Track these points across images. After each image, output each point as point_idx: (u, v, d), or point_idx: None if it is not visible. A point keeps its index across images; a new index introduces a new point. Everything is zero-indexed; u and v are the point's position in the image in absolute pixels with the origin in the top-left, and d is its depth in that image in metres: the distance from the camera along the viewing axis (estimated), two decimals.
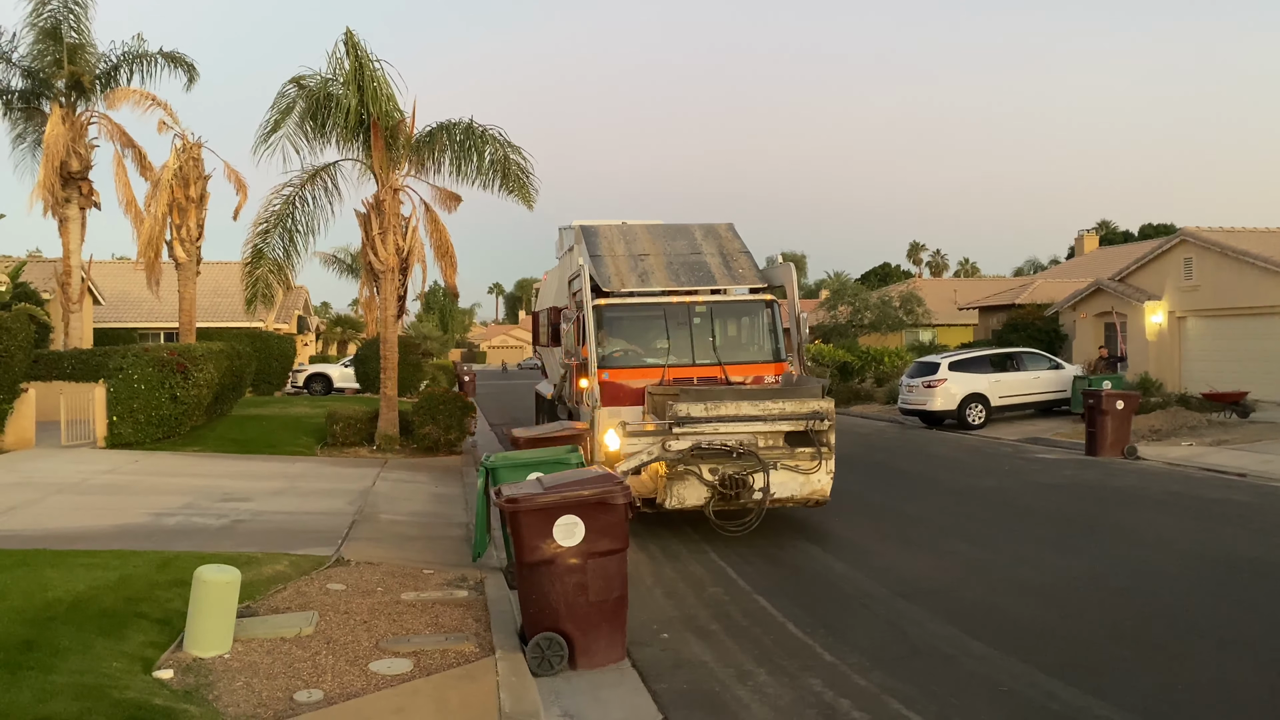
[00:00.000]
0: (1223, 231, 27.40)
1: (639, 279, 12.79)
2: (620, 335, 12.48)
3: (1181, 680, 6.21)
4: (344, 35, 16.47)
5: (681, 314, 12.42)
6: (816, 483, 10.41)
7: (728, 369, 12.15)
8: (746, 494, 10.05)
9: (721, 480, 10.02)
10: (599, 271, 12.70)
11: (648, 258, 13.24)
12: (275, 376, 31.95)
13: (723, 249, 13.59)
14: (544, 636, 6.37)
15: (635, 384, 11.82)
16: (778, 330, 12.64)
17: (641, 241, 13.64)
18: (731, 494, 10.03)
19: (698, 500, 10.09)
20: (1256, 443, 17.97)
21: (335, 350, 57.34)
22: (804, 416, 10.26)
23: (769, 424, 10.22)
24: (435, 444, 17.43)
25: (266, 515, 10.97)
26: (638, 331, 12.56)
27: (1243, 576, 8.86)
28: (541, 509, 6.39)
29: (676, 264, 13.18)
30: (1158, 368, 27.27)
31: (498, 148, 17.29)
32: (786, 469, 10.24)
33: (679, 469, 10.01)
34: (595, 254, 13.16)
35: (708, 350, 12.30)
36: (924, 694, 5.97)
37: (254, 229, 17.59)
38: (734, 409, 10.14)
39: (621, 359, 12.22)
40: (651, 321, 12.49)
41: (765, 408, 10.24)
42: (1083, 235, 50.24)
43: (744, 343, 12.90)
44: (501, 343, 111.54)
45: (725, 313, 12.83)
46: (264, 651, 6.39)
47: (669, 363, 12.09)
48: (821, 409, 10.29)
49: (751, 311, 12.93)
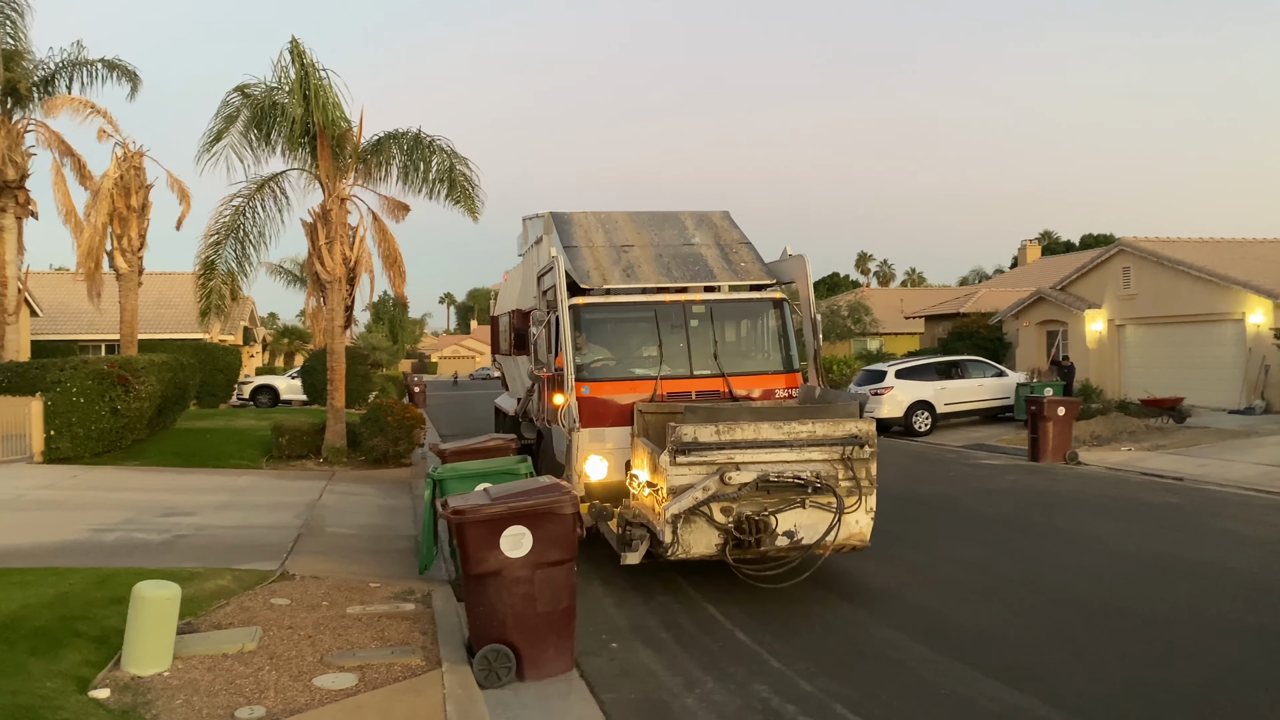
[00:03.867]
0: (1160, 241, 28.11)
1: (624, 274, 10.95)
2: (602, 341, 10.70)
3: (1119, 679, 6.35)
4: (289, 44, 16.31)
5: (676, 315, 10.61)
6: (854, 524, 8.46)
7: (732, 381, 10.40)
8: (768, 539, 8.21)
9: (737, 523, 8.15)
10: (576, 265, 10.89)
11: (633, 249, 11.44)
12: (220, 389, 31.45)
13: (719, 239, 11.87)
14: (491, 648, 6.34)
15: (621, 400, 10.07)
16: (789, 334, 10.94)
17: (624, 231, 11.82)
18: (749, 539, 8.17)
19: (707, 548, 8.23)
20: (1192, 447, 18.45)
21: (282, 362, 56.53)
22: (839, 441, 8.38)
23: (796, 451, 8.30)
24: (384, 456, 17.27)
25: (210, 530, 10.80)
26: (623, 336, 10.84)
27: (1178, 578, 9.09)
28: (488, 520, 6.37)
29: (667, 256, 11.38)
30: (1098, 375, 27.87)
31: (445, 158, 17.24)
32: (817, 507, 8.33)
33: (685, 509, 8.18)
34: (570, 245, 11.34)
35: (707, 359, 10.52)
36: (868, 698, 6.05)
37: (205, 240, 17.31)
38: (752, 433, 8.27)
39: (604, 369, 10.41)
40: (640, 324, 10.71)
41: (791, 431, 8.33)
42: (1026, 245, 51.22)
43: (749, 350, 11.20)
44: (453, 353, 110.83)
45: (727, 314, 11.01)
46: (205, 668, 6.28)
47: (662, 374, 10.29)
48: (861, 432, 8.43)
49: (758, 312, 11.16)
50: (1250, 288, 24.09)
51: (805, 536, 8.33)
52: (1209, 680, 6.31)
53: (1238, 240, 29.42)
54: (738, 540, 8.18)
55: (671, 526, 8.08)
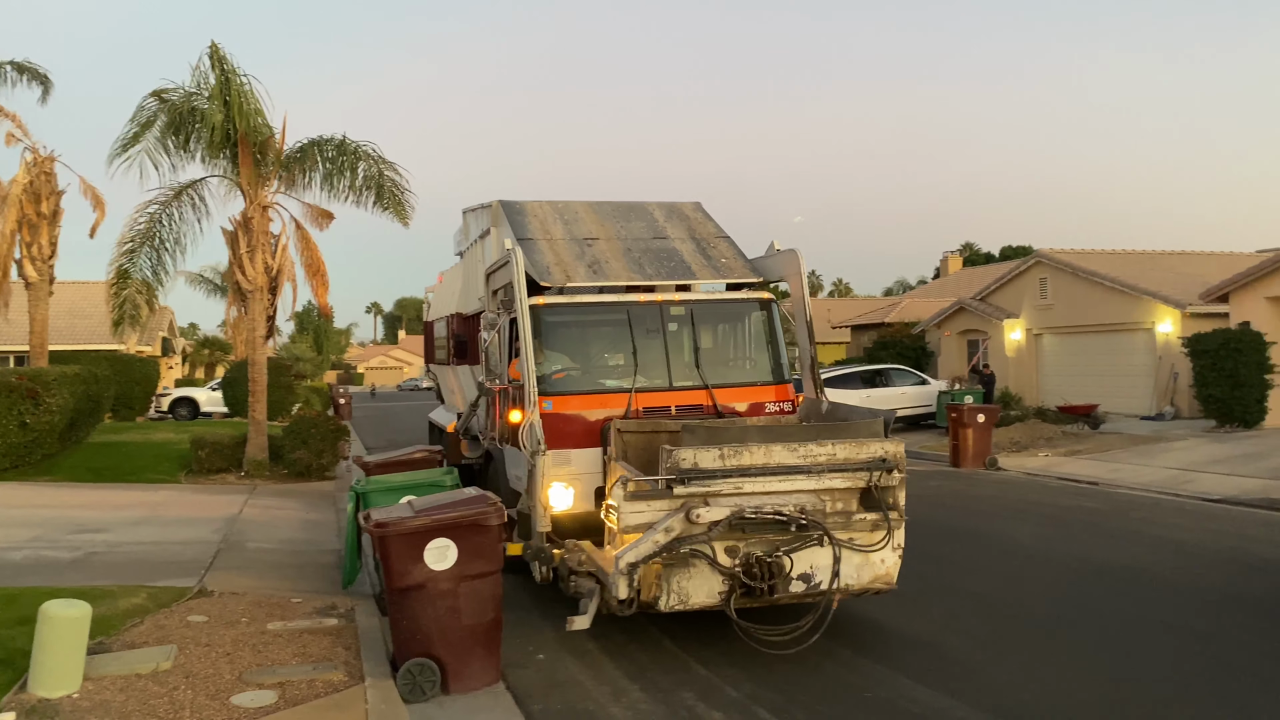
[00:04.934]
0: (1075, 253, 29.02)
1: (590, 270, 9.56)
2: (566, 347, 9.38)
3: (1036, 679, 6.53)
4: (209, 49, 15.98)
5: (652, 317, 9.26)
6: (880, 564, 7.24)
7: (717, 393, 9.11)
8: (782, 584, 6.87)
9: (745, 565, 6.82)
10: (533, 260, 9.40)
11: (597, 242, 10.11)
12: (138, 401, 30.58)
13: (694, 233, 10.63)
14: (415, 662, 6.26)
15: (590, 416, 8.67)
16: (778, 339, 9.77)
17: (586, 223, 10.50)
18: (761, 586, 6.82)
19: (708, 597, 6.86)
20: (1106, 452, 19.04)
21: (203, 373, 55.16)
22: (865, 466, 7.13)
23: (815, 479, 7.02)
24: (307, 469, 16.95)
25: (124, 546, 10.48)
26: (591, 342, 9.55)
27: (1093, 580, 9.38)
28: (411, 533, 6.30)
29: (638, 251, 10.04)
30: (1017, 382, 28.62)
31: (372, 164, 17.02)
32: (840, 545, 7.11)
33: (681, 550, 6.75)
34: (525, 237, 9.93)
35: (689, 368, 9.23)
36: (791, 701, 6.14)
37: (119, 248, 16.82)
38: (763, 456, 6.95)
39: (569, 381, 9.05)
40: (610, 328, 9.40)
41: (809, 454, 7.04)
42: (948, 256, 52.45)
43: (735, 357, 10.01)
44: (380, 363, 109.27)
45: (710, 316, 9.72)
46: (117, 689, 6.09)
47: (637, 385, 8.93)
48: (889, 454, 7.20)
49: (743, 314, 9.93)
50: (1159, 298, 24.99)
51: (824, 580, 7.03)
52: (1121, 678, 6.53)
53: (1149, 252, 30.51)
54: (747, 587, 6.83)
55: (627, 578, 6.66)
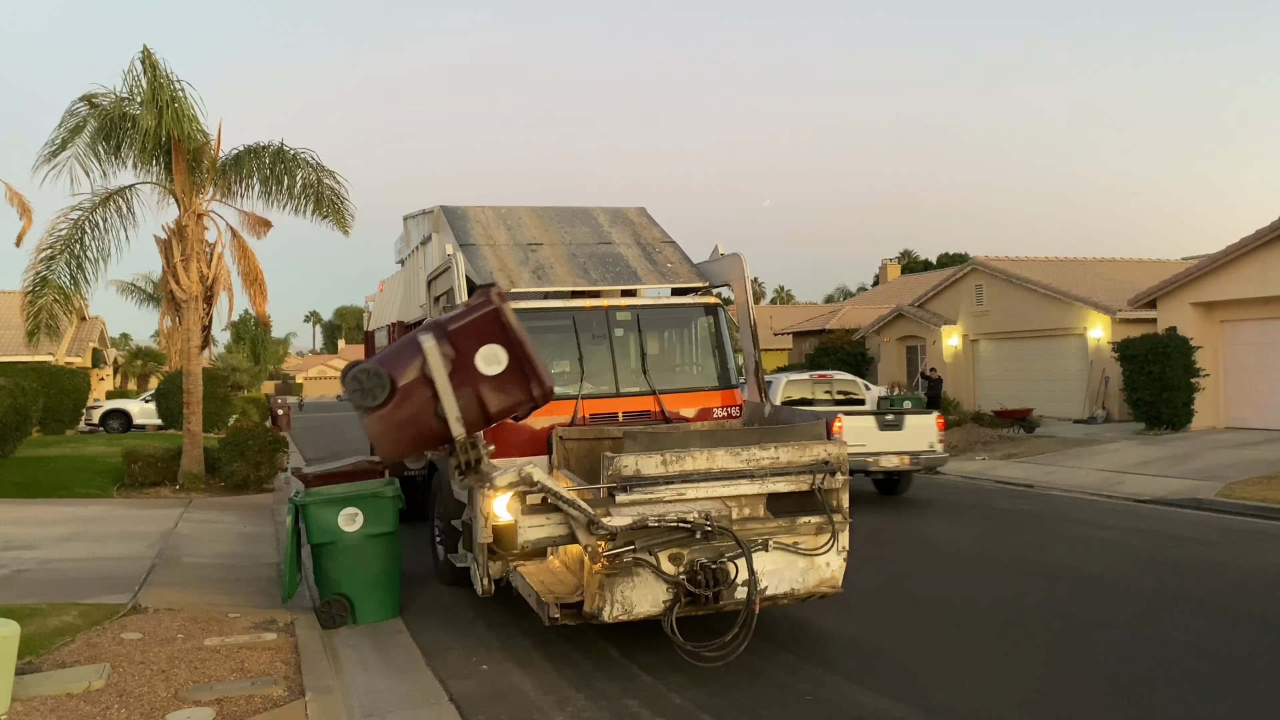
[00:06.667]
0: (1010, 260, 29.65)
1: (534, 275, 9.57)
2: None
3: (973, 679, 6.65)
4: (141, 53, 15.64)
5: (598, 323, 9.30)
6: (824, 567, 7.22)
7: (664, 399, 9.16)
8: (728, 592, 6.75)
9: (690, 572, 6.69)
10: (476, 266, 9.48)
11: (542, 248, 10.11)
12: (67, 414, 29.70)
13: (639, 238, 10.63)
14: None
15: (536, 424, 8.53)
16: (725, 344, 9.85)
17: (530, 228, 10.48)
18: (706, 594, 6.69)
19: (652, 606, 6.72)
20: (1041, 455, 19.47)
21: (136, 385, 53.91)
22: (808, 469, 7.10)
23: (757, 483, 6.99)
24: (244, 481, 16.64)
25: (54, 563, 10.19)
26: (537, 349, 9.38)
27: (1029, 581, 9.58)
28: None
29: (583, 256, 10.07)
30: (954, 387, 29.14)
31: (310, 171, 16.77)
32: (782, 549, 7.06)
33: (623, 559, 6.60)
34: (468, 243, 9.91)
35: (635, 374, 9.28)
36: (734, 706, 6.18)
37: (37, 255, 16.30)
38: (706, 462, 6.87)
39: None
40: (555, 334, 9.29)
41: (752, 458, 6.98)
42: (886, 264, 53.35)
43: (681, 362, 10.10)
44: (320, 373, 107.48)
45: (656, 322, 9.85)
46: (47, 710, 5.93)
47: (583, 392, 8.96)
48: (832, 456, 7.15)
49: (690, 319, 10.03)
50: (1091, 304, 25.66)
51: (769, 585, 7.00)
52: (1057, 675, 6.68)
53: (1081, 259, 31.30)
54: (692, 595, 6.70)
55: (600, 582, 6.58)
